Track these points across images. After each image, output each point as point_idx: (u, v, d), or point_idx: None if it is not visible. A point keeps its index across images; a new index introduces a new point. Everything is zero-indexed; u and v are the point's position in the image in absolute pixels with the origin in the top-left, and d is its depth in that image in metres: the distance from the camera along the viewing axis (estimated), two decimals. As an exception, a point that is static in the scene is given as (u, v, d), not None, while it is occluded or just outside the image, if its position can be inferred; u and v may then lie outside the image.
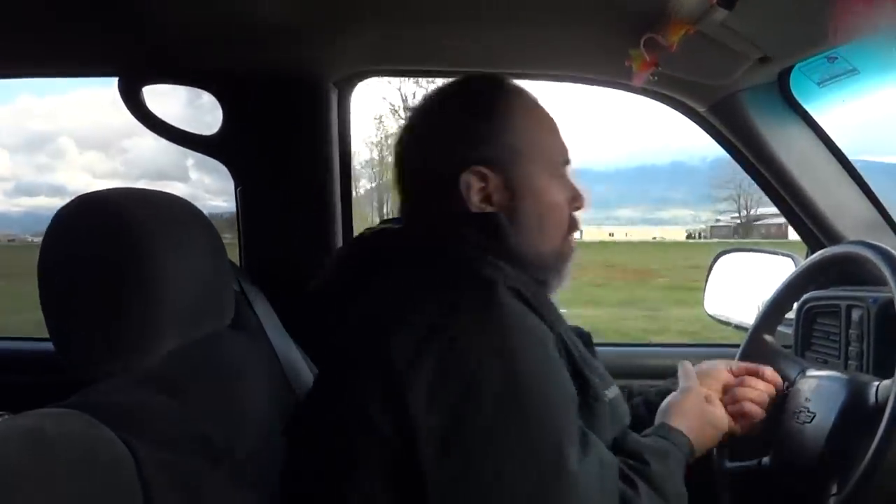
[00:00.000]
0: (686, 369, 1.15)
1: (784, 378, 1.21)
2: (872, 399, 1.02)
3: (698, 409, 1.06)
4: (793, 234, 1.73)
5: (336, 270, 1.01)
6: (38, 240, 0.94)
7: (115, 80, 1.61)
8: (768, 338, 1.36)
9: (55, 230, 0.89)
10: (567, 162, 1.04)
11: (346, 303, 0.92)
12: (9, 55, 1.60)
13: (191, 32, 1.46)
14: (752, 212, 38.43)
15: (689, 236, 43.42)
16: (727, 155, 1.70)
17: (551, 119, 1.04)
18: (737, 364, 1.22)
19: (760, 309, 1.40)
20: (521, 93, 1.03)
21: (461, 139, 0.97)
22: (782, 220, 1.73)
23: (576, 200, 1.03)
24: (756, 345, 1.36)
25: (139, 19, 1.39)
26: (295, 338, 1.35)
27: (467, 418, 0.77)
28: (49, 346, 0.88)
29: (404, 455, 0.77)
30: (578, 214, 1.04)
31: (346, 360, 0.87)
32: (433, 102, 1.04)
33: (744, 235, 36.90)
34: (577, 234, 1.06)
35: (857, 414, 1.03)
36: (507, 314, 0.82)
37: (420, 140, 1.02)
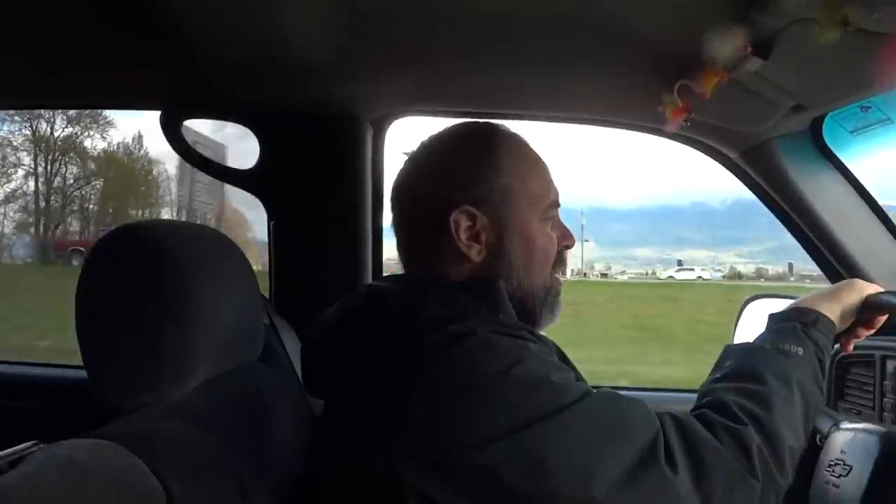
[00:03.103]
0: None
1: (816, 432, 1.20)
2: None
3: None
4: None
5: (329, 331, 1.02)
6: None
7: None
8: None
9: (94, 259, 0.90)
10: (557, 204, 1.06)
11: (339, 364, 0.94)
12: (56, 87, 1.66)
13: (233, 70, 1.50)
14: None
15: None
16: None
17: (542, 163, 1.06)
18: None
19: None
20: (514, 137, 1.06)
21: (453, 180, 1.01)
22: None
23: (565, 239, 1.06)
24: None
25: (184, 56, 1.43)
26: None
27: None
28: (80, 373, 0.88)
29: None
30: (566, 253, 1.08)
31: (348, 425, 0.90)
32: (429, 146, 1.07)
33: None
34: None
35: (894, 466, 1.02)
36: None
37: (414, 182, 1.06)
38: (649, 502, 0.80)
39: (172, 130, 1.65)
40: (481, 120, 1.10)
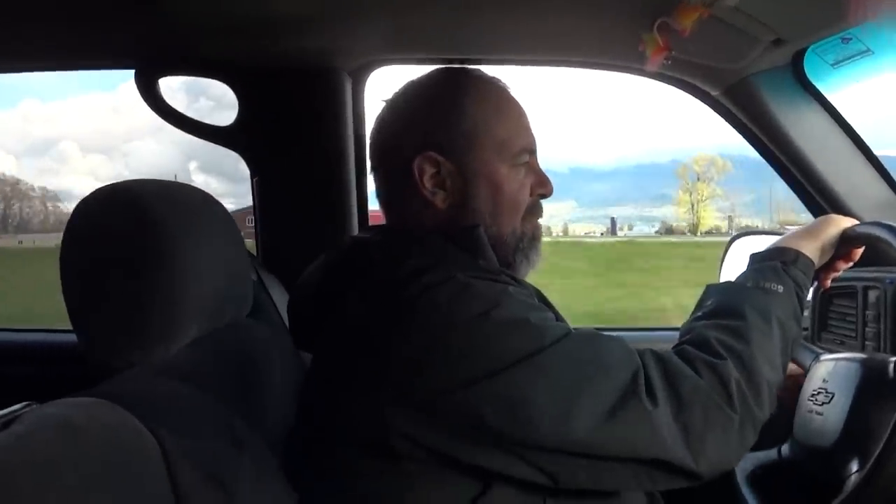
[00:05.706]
0: None
1: (799, 365, 1.22)
2: (891, 374, 1.02)
3: None
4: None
5: (313, 285, 1.03)
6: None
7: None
8: None
9: (78, 221, 0.89)
10: (532, 151, 1.05)
11: (324, 317, 0.95)
12: (27, 49, 1.62)
13: (206, 24, 1.47)
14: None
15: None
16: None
17: (516, 108, 1.05)
18: None
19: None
20: (483, 81, 1.05)
21: (419, 127, 1.01)
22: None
23: (541, 187, 1.06)
24: None
25: (155, 12, 1.40)
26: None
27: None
28: (72, 336, 0.88)
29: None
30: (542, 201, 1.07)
31: (332, 374, 0.92)
32: (401, 94, 1.06)
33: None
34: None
35: (875, 390, 1.03)
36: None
37: (384, 129, 1.06)
38: (630, 435, 0.82)
39: (147, 89, 1.63)
40: (455, 66, 1.08)
